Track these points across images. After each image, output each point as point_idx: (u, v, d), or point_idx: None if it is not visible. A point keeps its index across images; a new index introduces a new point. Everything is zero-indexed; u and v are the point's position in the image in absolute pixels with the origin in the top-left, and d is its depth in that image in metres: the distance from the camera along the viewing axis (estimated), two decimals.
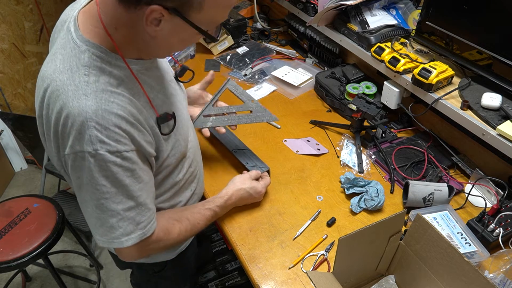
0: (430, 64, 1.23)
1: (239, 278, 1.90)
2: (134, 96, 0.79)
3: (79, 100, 0.72)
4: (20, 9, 2.53)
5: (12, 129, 2.53)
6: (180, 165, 0.99)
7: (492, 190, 1.16)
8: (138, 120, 0.79)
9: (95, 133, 0.72)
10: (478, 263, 1.01)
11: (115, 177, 0.77)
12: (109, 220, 0.81)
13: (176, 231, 0.96)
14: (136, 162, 0.79)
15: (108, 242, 0.83)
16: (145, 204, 0.84)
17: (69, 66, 0.74)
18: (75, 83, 0.73)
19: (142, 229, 0.85)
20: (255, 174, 1.18)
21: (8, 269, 1.54)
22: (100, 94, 0.73)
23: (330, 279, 0.87)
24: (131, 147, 0.78)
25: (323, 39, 1.75)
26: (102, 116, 0.72)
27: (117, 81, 0.77)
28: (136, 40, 0.77)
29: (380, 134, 1.38)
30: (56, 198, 2.28)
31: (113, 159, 0.75)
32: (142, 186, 0.83)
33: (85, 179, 0.76)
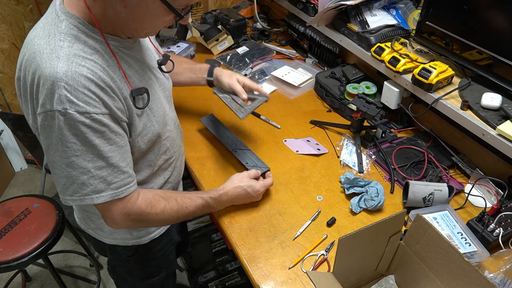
0: (430, 64, 1.24)
1: (239, 278, 1.90)
2: (109, 67, 0.83)
3: (51, 62, 0.75)
4: (20, 9, 2.53)
5: (12, 129, 2.52)
6: (155, 148, 1.02)
7: (492, 190, 1.16)
8: (110, 87, 0.82)
9: (65, 93, 0.75)
10: (478, 263, 1.01)
11: (84, 136, 0.79)
12: (80, 177, 0.83)
13: (161, 207, 0.97)
14: (106, 125, 0.82)
15: (79, 200, 0.85)
16: (117, 166, 0.86)
17: (47, 33, 0.79)
18: (50, 47, 0.77)
19: (113, 190, 0.86)
20: (254, 173, 1.18)
21: (8, 269, 1.54)
22: (72, 58, 0.77)
23: (330, 279, 0.87)
24: (101, 110, 0.80)
25: (323, 39, 1.75)
26: (71, 77, 0.75)
27: (91, 50, 0.80)
28: (110, 12, 0.80)
29: (380, 134, 1.38)
30: (56, 198, 2.27)
31: (82, 119, 0.77)
32: (114, 148, 0.85)
33: (54, 138, 0.79)
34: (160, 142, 1.03)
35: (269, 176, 1.20)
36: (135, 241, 1.13)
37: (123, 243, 1.13)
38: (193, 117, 1.49)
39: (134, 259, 1.18)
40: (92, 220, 1.10)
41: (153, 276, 1.29)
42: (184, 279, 2.11)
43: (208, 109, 1.54)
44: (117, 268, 1.29)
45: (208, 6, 2.15)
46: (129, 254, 1.17)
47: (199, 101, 1.60)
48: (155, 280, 1.30)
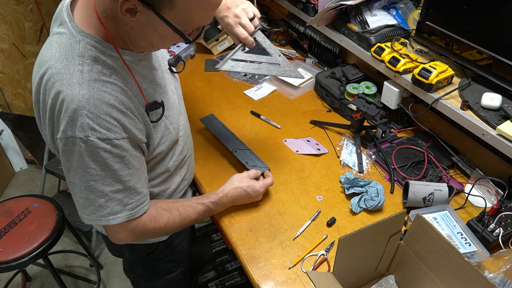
0: (430, 64, 1.23)
1: (239, 278, 1.90)
2: (126, 85, 0.83)
3: (73, 88, 0.75)
4: (20, 9, 2.53)
5: (12, 129, 2.53)
6: (171, 152, 1.03)
7: (492, 190, 1.16)
8: (129, 109, 0.83)
9: (87, 121, 0.76)
10: (478, 263, 1.01)
11: (104, 162, 0.81)
12: (98, 200, 0.85)
13: (164, 220, 0.99)
14: (126, 149, 0.83)
15: (96, 220, 0.88)
16: (134, 188, 0.88)
17: (64, 55, 0.78)
18: (69, 71, 0.76)
19: (130, 210, 0.89)
20: (254, 173, 1.18)
21: (8, 269, 1.54)
22: (93, 84, 0.77)
23: (330, 279, 0.87)
24: (122, 135, 0.81)
25: (323, 39, 1.75)
26: (94, 104, 0.76)
27: (110, 71, 0.80)
28: (121, 30, 0.80)
29: (380, 134, 1.38)
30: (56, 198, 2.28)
31: (103, 145, 0.79)
32: (132, 171, 0.86)
33: (75, 162, 0.80)
34: (176, 144, 1.05)
35: (269, 175, 1.20)
36: (156, 239, 1.14)
37: (144, 242, 1.13)
38: (193, 117, 1.49)
39: (155, 255, 1.19)
40: None
41: (172, 272, 1.30)
42: None
43: (208, 110, 1.54)
44: (135, 267, 1.29)
45: None
46: (149, 251, 1.17)
47: (199, 101, 1.60)
48: (174, 275, 1.30)
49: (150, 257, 1.19)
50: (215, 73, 1.79)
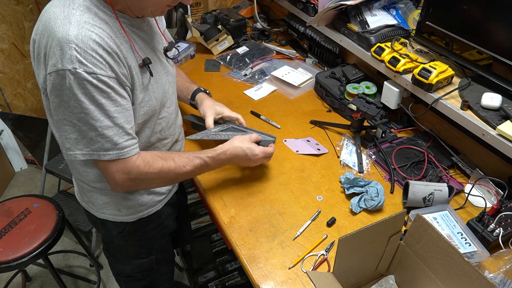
0: (430, 64, 1.24)
1: (239, 278, 1.90)
2: (117, 38, 0.90)
3: (64, 26, 0.83)
4: (20, 9, 2.53)
5: (12, 129, 2.53)
6: (150, 124, 1.06)
7: (492, 190, 1.16)
8: (116, 53, 0.88)
9: (75, 54, 0.82)
10: (478, 263, 1.01)
11: (91, 95, 0.86)
12: (89, 133, 0.89)
13: (158, 166, 1.02)
14: (112, 87, 0.88)
15: (88, 154, 0.92)
16: (122, 127, 0.92)
17: (63, 3, 0.87)
18: (64, 14, 0.85)
19: (120, 150, 0.93)
20: (256, 137, 1.20)
21: (8, 269, 1.53)
22: (82, 24, 0.84)
23: (330, 279, 0.87)
24: (107, 73, 0.87)
25: (323, 39, 1.75)
26: (81, 40, 0.83)
27: (101, 21, 0.88)
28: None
29: (380, 134, 1.38)
30: (56, 198, 2.28)
31: (89, 79, 0.84)
32: (120, 109, 0.91)
33: (65, 96, 0.85)
34: (155, 119, 1.07)
35: (271, 146, 1.22)
36: (123, 218, 1.16)
37: (112, 219, 1.16)
38: None
39: (122, 236, 1.21)
40: (84, 192, 1.14)
41: (142, 257, 1.31)
42: (184, 279, 2.12)
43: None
44: (108, 245, 1.32)
45: (208, 6, 2.15)
46: (118, 230, 1.20)
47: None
48: (144, 261, 1.32)
49: (119, 237, 1.21)
50: (215, 73, 1.79)
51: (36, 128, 2.49)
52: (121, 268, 1.36)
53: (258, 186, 1.25)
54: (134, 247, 1.28)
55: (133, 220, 1.18)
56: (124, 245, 1.26)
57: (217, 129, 1.29)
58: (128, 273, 1.35)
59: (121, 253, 1.31)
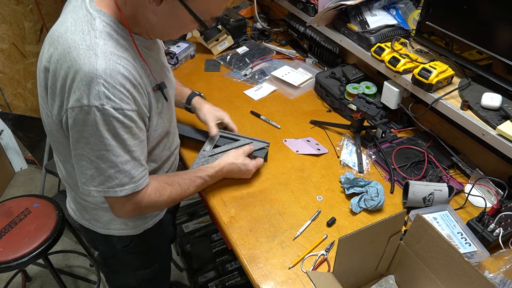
0: (430, 64, 1.24)
1: (239, 278, 1.90)
2: (136, 64, 0.88)
3: (89, 58, 0.79)
4: (20, 9, 2.53)
5: (12, 129, 2.52)
6: (161, 144, 1.08)
7: (492, 190, 1.16)
8: (140, 84, 0.87)
9: (103, 90, 0.79)
10: (478, 263, 1.01)
11: (116, 131, 0.84)
12: (108, 171, 0.88)
13: (167, 193, 1.04)
14: (134, 121, 0.88)
15: (103, 191, 0.91)
16: (139, 159, 0.92)
17: (80, 29, 0.82)
18: (86, 43, 0.80)
19: (135, 183, 0.93)
20: (249, 149, 1.25)
21: (8, 269, 1.53)
22: (109, 56, 0.81)
23: (330, 279, 0.87)
24: (133, 107, 0.86)
25: (323, 39, 1.75)
26: (110, 75, 0.80)
27: (123, 48, 0.85)
28: (141, 16, 0.85)
29: (380, 134, 1.38)
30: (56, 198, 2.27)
31: (116, 115, 0.82)
32: (137, 142, 0.91)
33: (86, 132, 0.83)
34: (166, 138, 1.09)
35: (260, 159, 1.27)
36: (130, 231, 1.15)
37: (118, 234, 1.15)
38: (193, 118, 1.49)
39: (128, 249, 1.20)
40: (87, 211, 1.12)
41: (146, 268, 1.31)
42: (184, 279, 2.11)
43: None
44: (109, 260, 1.30)
45: None
46: (123, 244, 1.19)
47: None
48: (148, 271, 1.31)
49: (124, 251, 1.20)
50: (215, 73, 1.79)
51: (36, 128, 2.49)
52: (124, 281, 1.34)
53: (258, 186, 1.25)
54: (139, 259, 1.27)
55: (139, 233, 1.17)
56: (129, 258, 1.25)
57: (209, 146, 1.31)
58: (131, 285, 1.34)
59: (124, 266, 1.28)
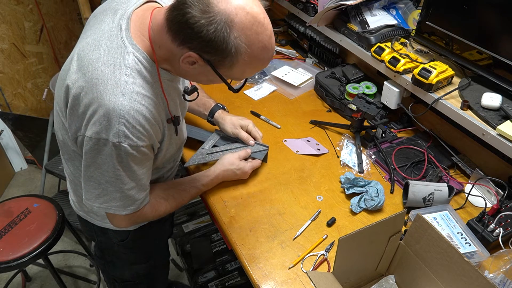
0: (430, 64, 1.24)
1: (239, 278, 1.90)
2: (157, 98, 0.90)
3: (116, 96, 0.81)
4: (20, 9, 2.53)
5: (12, 129, 2.53)
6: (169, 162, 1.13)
7: (492, 190, 1.16)
8: (158, 122, 0.91)
9: (123, 129, 0.82)
10: (478, 263, 1.01)
11: (128, 164, 0.88)
12: (114, 194, 0.92)
13: (162, 209, 1.07)
14: (146, 154, 0.91)
15: (106, 208, 0.95)
16: (144, 185, 0.97)
17: (112, 61, 0.83)
18: (115, 79, 0.82)
19: (137, 205, 0.98)
20: (245, 154, 1.25)
21: (8, 269, 1.53)
22: (135, 96, 0.83)
23: (330, 279, 0.87)
24: (147, 143, 0.89)
25: (323, 39, 1.75)
26: (133, 116, 0.82)
27: (148, 86, 0.87)
28: (173, 63, 0.88)
29: (380, 134, 1.38)
30: (56, 198, 2.27)
31: (131, 151, 0.86)
32: (145, 171, 0.95)
33: (100, 160, 0.86)
34: (173, 158, 1.13)
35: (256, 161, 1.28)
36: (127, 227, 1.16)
37: (114, 228, 1.15)
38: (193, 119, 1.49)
39: (124, 244, 1.21)
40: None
41: (141, 263, 1.32)
42: (184, 279, 2.11)
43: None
44: (105, 252, 1.31)
45: None
46: (119, 238, 1.20)
47: None
48: (143, 266, 1.33)
49: (120, 245, 1.22)
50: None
51: (36, 128, 2.49)
52: (119, 274, 1.35)
53: (258, 186, 1.25)
54: (135, 253, 1.28)
55: (136, 228, 1.18)
56: (125, 252, 1.26)
57: (209, 144, 1.31)
58: (126, 278, 1.35)
59: (119, 259, 1.30)
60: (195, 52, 0.80)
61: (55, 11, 2.72)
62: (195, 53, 0.80)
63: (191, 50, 0.80)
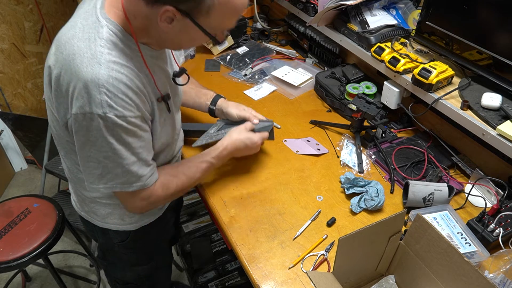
0: (430, 64, 1.24)
1: (239, 278, 1.90)
2: (141, 73, 0.89)
3: (93, 67, 0.81)
4: (20, 9, 2.53)
5: (12, 129, 2.53)
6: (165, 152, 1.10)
7: (492, 190, 1.16)
8: (143, 92, 0.89)
9: (105, 99, 0.81)
10: (478, 263, 1.01)
11: (120, 136, 0.87)
12: (115, 170, 0.91)
13: (173, 186, 1.06)
14: (138, 126, 0.90)
15: (112, 187, 0.94)
16: (145, 159, 0.95)
17: (87, 36, 0.83)
18: (91, 51, 0.82)
19: (143, 181, 0.96)
20: (250, 126, 1.24)
21: (8, 269, 1.53)
22: (112, 65, 0.82)
23: (330, 279, 0.87)
24: (136, 114, 0.88)
25: (323, 39, 1.75)
26: (112, 84, 0.81)
27: (126, 57, 0.86)
28: (151, 31, 0.87)
29: (380, 134, 1.38)
30: (56, 198, 2.27)
31: (120, 122, 0.84)
32: (143, 144, 0.93)
33: (92, 137, 0.86)
34: (170, 147, 1.11)
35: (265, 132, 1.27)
36: (127, 227, 1.16)
37: (115, 228, 1.15)
38: (193, 117, 1.49)
39: (124, 244, 1.21)
40: (86, 203, 1.13)
41: (143, 264, 1.31)
42: (184, 279, 2.12)
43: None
44: (107, 253, 1.31)
45: None
46: (120, 239, 1.19)
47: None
48: (145, 268, 1.32)
49: (121, 245, 1.21)
50: (215, 73, 1.79)
51: (36, 128, 2.49)
52: (120, 275, 1.35)
53: (258, 186, 1.25)
54: (136, 254, 1.27)
55: (136, 228, 1.17)
56: (126, 253, 1.25)
57: (214, 129, 1.31)
58: (127, 280, 1.35)
59: (121, 260, 1.29)
60: (170, 5, 0.79)
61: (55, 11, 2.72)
62: (170, 5, 0.79)
63: (166, 4, 0.79)
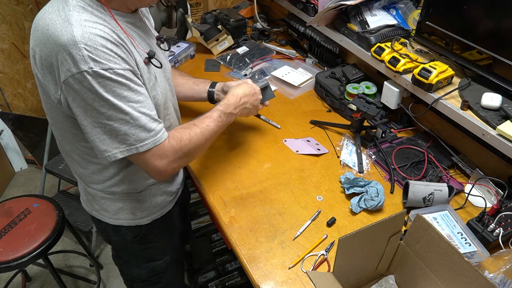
0: (430, 64, 1.24)
1: (239, 278, 1.90)
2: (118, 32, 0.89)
3: (66, 29, 0.81)
4: (20, 9, 2.53)
5: (12, 129, 2.53)
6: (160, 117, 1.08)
7: (492, 190, 1.16)
8: (122, 44, 0.88)
9: (86, 53, 0.80)
10: (478, 263, 1.01)
11: (113, 90, 0.85)
12: (122, 128, 0.89)
13: (187, 136, 1.03)
14: (130, 79, 0.88)
15: (126, 151, 0.91)
16: (149, 114, 0.93)
17: (56, 8, 0.86)
18: (62, 18, 0.83)
19: (154, 136, 0.93)
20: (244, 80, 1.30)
21: (8, 269, 1.53)
22: (84, 23, 0.83)
23: (330, 279, 0.87)
24: (122, 66, 0.86)
25: (323, 39, 1.75)
26: (88, 38, 0.81)
27: (99, 19, 0.86)
28: None
29: (380, 134, 1.38)
30: (56, 198, 2.28)
31: (108, 75, 0.83)
32: (142, 98, 0.91)
33: (88, 99, 0.84)
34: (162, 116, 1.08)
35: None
36: (138, 221, 1.17)
37: (127, 223, 1.16)
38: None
39: (138, 240, 1.21)
40: (97, 200, 1.13)
41: (157, 259, 1.32)
42: (184, 279, 2.11)
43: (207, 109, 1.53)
44: (121, 252, 1.31)
45: (208, 6, 2.15)
46: (132, 235, 1.20)
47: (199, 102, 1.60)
48: (160, 263, 1.32)
49: (134, 241, 1.22)
50: (215, 73, 1.79)
51: (36, 128, 2.49)
52: (137, 273, 1.34)
53: (258, 186, 1.25)
54: (149, 249, 1.28)
55: (148, 223, 1.18)
56: (140, 249, 1.26)
57: None
58: (144, 277, 1.35)
59: (135, 257, 1.30)
60: None
61: None
62: None
63: None
